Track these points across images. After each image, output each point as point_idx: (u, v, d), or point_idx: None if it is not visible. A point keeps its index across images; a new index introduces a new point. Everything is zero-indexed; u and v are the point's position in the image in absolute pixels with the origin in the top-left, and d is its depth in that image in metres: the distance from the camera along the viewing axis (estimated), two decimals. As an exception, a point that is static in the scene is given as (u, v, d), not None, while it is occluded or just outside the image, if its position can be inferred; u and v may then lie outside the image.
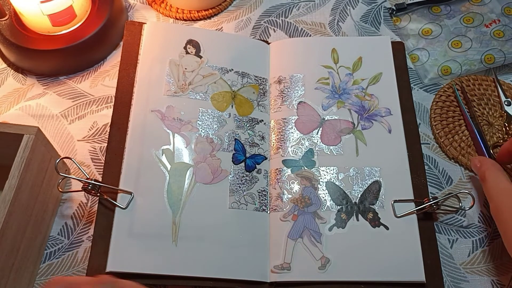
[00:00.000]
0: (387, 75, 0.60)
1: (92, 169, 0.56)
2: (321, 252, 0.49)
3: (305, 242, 0.50)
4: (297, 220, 0.51)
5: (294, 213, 0.51)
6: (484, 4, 0.68)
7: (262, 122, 0.58)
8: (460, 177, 0.57)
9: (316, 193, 0.52)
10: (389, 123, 0.57)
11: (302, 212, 0.51)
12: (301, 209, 0.51)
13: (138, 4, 0.69)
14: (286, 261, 0.49)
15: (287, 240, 0.50)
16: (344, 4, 0.70)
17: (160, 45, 0.60)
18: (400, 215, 0.52)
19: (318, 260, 0.49)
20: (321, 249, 0.49)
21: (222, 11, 0.69)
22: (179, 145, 0.54)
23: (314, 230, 0.50)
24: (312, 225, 0.50)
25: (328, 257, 0.49)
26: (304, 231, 0.50)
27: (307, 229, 0.50)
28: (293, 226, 0.50)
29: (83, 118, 0.59)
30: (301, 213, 0.51)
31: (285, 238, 0.50)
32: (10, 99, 0.60)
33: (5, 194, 0.42)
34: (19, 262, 0.46)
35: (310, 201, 0.52)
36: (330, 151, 0.55)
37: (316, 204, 0.52)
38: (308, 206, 0.52)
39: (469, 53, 0.64)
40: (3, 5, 0.61)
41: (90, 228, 0.52)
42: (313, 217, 0.51)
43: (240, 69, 0.60)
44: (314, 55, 0.62)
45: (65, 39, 0.60)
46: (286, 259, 0.49)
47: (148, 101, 0.56)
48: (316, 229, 0.50)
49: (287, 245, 0.50)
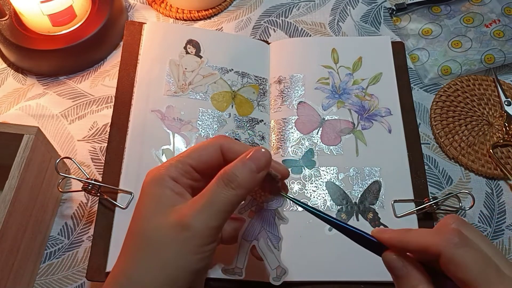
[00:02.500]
0: (387, 75, 0.60)
1: (92, 169, 0.56)
2: (277, 261, 0.41)
3: (260, 246, 0.41)
4: (253, 218, 0.41)
5: (251, 209, 0.41)
6: (484, 4, 0.68)
7: (262, 122, 0.58)
8: (460, 177, 0.57)
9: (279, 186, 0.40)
10: (389, 123, 0.57)
11: (260, 209, 0.41)
12: (260, 205, 0.40)
13: (138, 4, 0.69)
14: (238, 265, 0.42)
15: (241, 240, 0.41)
16: (344, 4, 0.70)
17: (160, 45, 0.60)
18: (400, 215, 0.52)
19: (274, 270, 0.41)
20: (277, 257, 0.41)
21: (222, 11, 0.69)
22: (179, 145, 0.54)
23: (272, 233, 0.41)
24: (271, 226, 0.41)
25: (284, 268, 0.41)
26: (261, 232, 0.41)
27: (265, 230, 0.41)
28: (249, 225, 0.41)
29: (83, 118, 0.59)
30: (259, 209, 0.41)
31: (239, 238, 0.41)
32: (10, 99, 0.60)
33: (5, 194, 0.42)
34: (19, 262, 0.46)
35: (271, 195, 0.40)
36: (330, 151, 0.55)
37: (278, 200, 0.40)
38: (269, 202, 0.40)
39: (469, 53, 0.64)
40: (3, 5, 0.61)
41: (90, 228, 0.52)
42: (273, 216, 0.41)
43: (240, 69, 0.60)
44: (314, 55, 0.62)
45: (65, 39, 0.60)
46: (238, 263, 0.41)
47: (148, 101, 0.56)
48: (274, 232, 0.41)
49: (240, 247, 0.41)
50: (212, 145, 0.39)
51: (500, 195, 0.56)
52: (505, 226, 0.54)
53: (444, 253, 0.30)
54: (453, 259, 0.30)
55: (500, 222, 0.54)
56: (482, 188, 0.56)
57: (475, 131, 0.59)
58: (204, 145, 0.39)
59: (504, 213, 0.55)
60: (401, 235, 0.33)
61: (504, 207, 0.55)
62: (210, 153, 0.38)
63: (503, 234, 0.54)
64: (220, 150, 0.39)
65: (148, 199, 0.37)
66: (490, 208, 0.55)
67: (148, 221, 0.36)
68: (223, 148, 0.39)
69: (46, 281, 0.50)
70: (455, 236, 0.31)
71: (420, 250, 0.32)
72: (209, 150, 0.39)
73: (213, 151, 0.38)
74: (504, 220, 0.55)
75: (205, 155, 0.38)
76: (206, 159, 0.38)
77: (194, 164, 0.38)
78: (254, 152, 0.36)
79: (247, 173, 0.36)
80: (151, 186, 0.37)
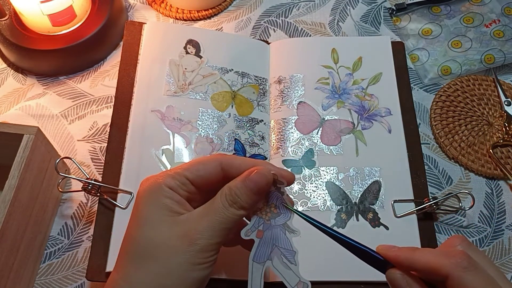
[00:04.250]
0: (387, 75, 0.60)
1: (92, 169, 0.56)
2: (296, 276, 0.38)
3: (275, 265, 0.38)
4: (262, 237, 0.39)
5: (259, 229, 0.39)
6: (484, 4, 0.68)
7: (262, 122, 0.58)
8: (460, 177, 0.57)
9: (285, 199, 0.39)
10: (389, 123, 0.57)
11: (268, 226, 0.39)
12: (267, 223, 0.39)
13: (138, 4, 0.69)
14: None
15: (253, 263, 0.38)
16: (344, 4, 0.70)
17: (160, 45, 0.60)
18: (400, 215, 0.52)
19: (295, 287, 0.38)
20: (296, 272, 0.38)
21: (222, 11, 0.69)
22: (179, 145, 0.54)
23: (286, 248, 0.39)
24: (283, 241, 0.39)
25: (305, 282, 0.38)
26: (273, 250, 0.38)
27: (277, 247, 0.39)
28: (259, 246, 0.38)
29: (83, 118, 0.59)
30: (267, 227, 0.39)
31: (250, 261, 0.38)
32: (10, 99, 0.60)
33: (5, 194, 0.42)
34: (19, 262, 0.46)
35: (277, 210, 0.39)
36: (330, 151, 0.55)
37: (285, 213, 0.39)
38: (276, 217, 0.39)
39: (469, 53, 0.64)
40: (3, 5, 0.61)
41: (90, 228, 0.52)
42: (283, 230, 0.39)
43: (240, 69, 0.60)
44: (314, 55, 0.62)
45: (65, 39, 0.60)
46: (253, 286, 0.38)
47: (148, 101, 0.56)
48: (288, 247, 0.39)
49: (253, 270, 0.38)
50: (211, 161, 0.39)
51: (500, 195, 0.56)
52: (505, 226, 0.54)
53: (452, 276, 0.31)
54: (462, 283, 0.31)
55: (500, 222, 0.54)
56: (482, 188, 0.56)
57: (475, 131, 0.59)
58: (203, 161, 0.40)
59: (504, 213, 0.55)
60: (408, 253, 0.34)
61: (504, 207, 0.55)
62: (208, 169, 0.39)
63: (503, 234, 0.54)
64: (221, 167, 0.39)
65: (148, 207, 0.37)
66: (490, 208, 0.55)
67: (152, 229, 0.36)
68: (223, 165, 0.39)
69: (46, 281, 0.50)
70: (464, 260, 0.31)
71: (427, 270, 0.33)
72: (208, 166, 0.39)
73: (212, 168, 0.39)
74: (504, 220, 0.55)
75: (203, 170, 0.39)
76: (204, 174, 0.39)
77: (191, 178, 0.39)
78: (254, 174, 0.37)
79: (249, 195, 0.37)
80: (150, 194, 0.38)
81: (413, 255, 0.33)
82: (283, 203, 0.39)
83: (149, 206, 0.37)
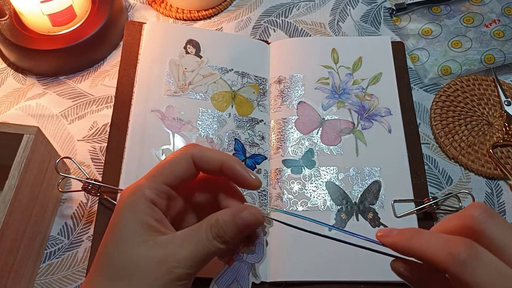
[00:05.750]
0: (387, 75, 0.60)
1: (92, 169, 0.56)
2: None
3: None
4: (231, 266, 0.39)
5: (231, 257, 0.39)
6: (484, 4, 0.68)
7: (262, 122, 0.58)
8: (460, 177, 0.57)
9: (263, 241, 0.40)
10: (389, 123, 0.57)
11: (240, 258, 0.39)
12: (240, 255, 0.39)
13: (138, 4, 0.69)
14: None
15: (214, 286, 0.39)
16: (344, 4, 0.70)
17: (160, 45, 0.60)
18: (400, 215, 0.52)
19: None
20: None
21: (222, 11, 0.69)
22: (179, 145, 0.54)
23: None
24: (244, 280, 0.39)
25: None
26: (233, 283, 0.39)
27: (237, 282, 0.39)
28: (225, 272, 0.39)
29: (83, 118, 0.59)
30: (238, 258, 0.39)
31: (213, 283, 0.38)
32: (10, 99, 0.60)
33: (5, 194, 0.42)
34: (19, 262, 0.46)
35: (253, 248, 0.40)
36: (330, 151, 0.55)
37: (258, 255, 0.40)
38: (248, 254, 0.40)
39: (469, 53, 0.64)
40: (3, 5, 0.61)
41: (90, 228, 0.52)
42: (248, 270, 0.39)
43: (240, 69, 0.60)
44: (314, 55, 0.62)
45: (65, 39, 0.60)
46: None
47: (148, 101, 0.56)
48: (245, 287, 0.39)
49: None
50: (183, 157, 0.38)
51: (500, 195, 0.56)
52: (505, 226, 0.54)
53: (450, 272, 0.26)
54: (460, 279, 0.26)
55: (500, 222, 0.54)
56: (482, 188, 0.56)
57: (475, 131, 0.59)
58: (175, 159, 0.38)
59: (504, 213, 0.55)
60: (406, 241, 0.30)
61: (504, 207, 0.55)
62: (182, 167, 0.38)
63: (503, 234, 0.54)
64: (192, 160, 0.38)
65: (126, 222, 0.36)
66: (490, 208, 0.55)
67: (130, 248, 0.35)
68: (194, 158, 0.38)
69: (46, 281, 0.50)
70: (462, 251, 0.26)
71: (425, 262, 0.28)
72: (181, 164, 0.38)
73: (185, 164, 0.38)
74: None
75: (178, 169, 0.38)
76: (180, 174, 0.38)
77: (169, 181, 0.37)
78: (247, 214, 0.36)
79: (235, 232, 0.36)
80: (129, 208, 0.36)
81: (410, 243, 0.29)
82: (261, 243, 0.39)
83: (128, 222, 0.36)
